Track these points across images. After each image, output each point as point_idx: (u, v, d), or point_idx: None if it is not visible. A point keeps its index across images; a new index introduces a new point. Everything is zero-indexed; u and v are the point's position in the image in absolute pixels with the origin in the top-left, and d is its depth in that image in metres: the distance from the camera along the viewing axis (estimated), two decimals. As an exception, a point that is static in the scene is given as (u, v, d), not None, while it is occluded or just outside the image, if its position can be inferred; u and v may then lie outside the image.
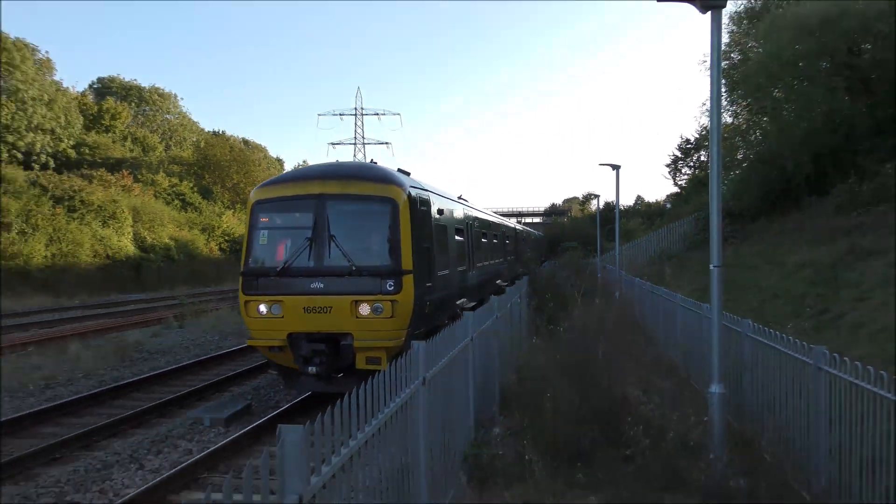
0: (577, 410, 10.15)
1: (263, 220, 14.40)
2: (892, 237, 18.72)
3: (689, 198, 51.21)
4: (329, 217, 13.73)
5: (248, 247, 14.36)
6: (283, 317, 13.64)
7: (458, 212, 20.43)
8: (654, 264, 39.23)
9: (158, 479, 10.35)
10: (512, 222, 43.54)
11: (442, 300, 16.14)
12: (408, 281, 13.45)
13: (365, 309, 13.30)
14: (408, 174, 16.51)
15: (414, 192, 14.68)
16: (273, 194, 14.52)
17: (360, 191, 14.07)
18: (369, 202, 13.97)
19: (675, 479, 9.06)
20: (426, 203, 15.61)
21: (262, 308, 13.76)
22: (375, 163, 16.96)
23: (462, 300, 18.73)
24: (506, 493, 8.75)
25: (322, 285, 13.50)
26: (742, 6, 36.35)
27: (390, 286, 13.35)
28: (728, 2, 9.91)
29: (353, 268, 13.36)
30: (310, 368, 13.41)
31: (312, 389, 14.47)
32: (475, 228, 23.45)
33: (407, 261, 13.55)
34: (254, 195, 14.77)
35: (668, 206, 60.97)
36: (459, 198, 23.54)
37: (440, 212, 16.88)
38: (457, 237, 19.51)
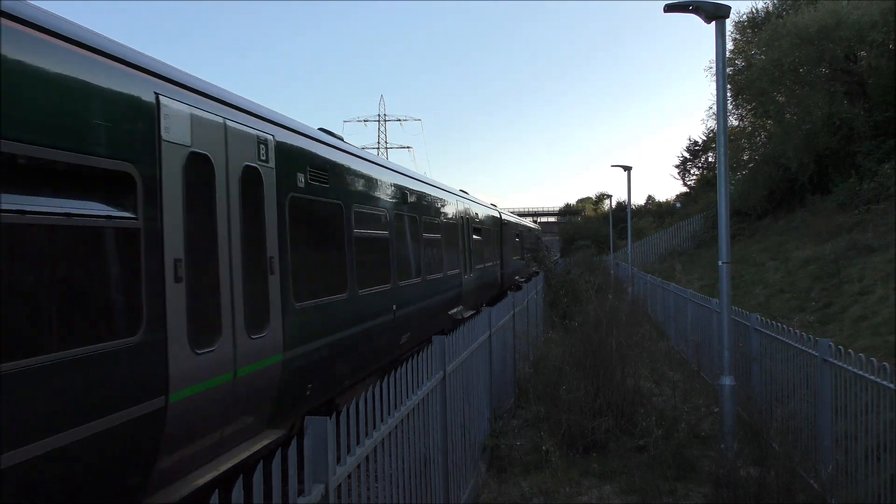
0: (591, 402, 10.07)
1: None
2: (891, 234, 18.52)
3: (697, 197, 50.91)
4: None
5: None
6: None
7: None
8: (664, 261, 39.04)
9: None
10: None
11: None
12: None
13: None
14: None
15: None
16: None
17: None
18: None
19: (686, 469, 8.99)
20: None
21: None
22: None
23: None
24: (523, 482, 8.70)
25: None
26: (745, 16, 36.24)
27: None
28: (731, 13, 9.86)
29: None
30: None
31: None
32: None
33: None
34: None
35: (678, 205, 60.55)
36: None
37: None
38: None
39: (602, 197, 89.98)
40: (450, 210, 17.59)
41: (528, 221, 46.42)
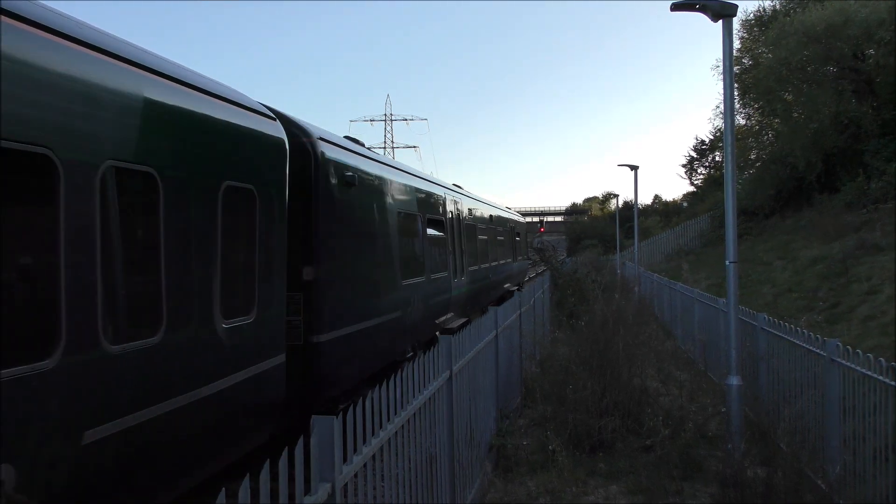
0: (598, 401, 10.05)
1: None
2: (899, 233, 18.48)
3: (704, 196, 50.79)
4: None
5: None
6: None
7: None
8: (671, 260, 38.98)
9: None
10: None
11: None
12: None
13: None
14: None
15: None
16: None
17: None
18: None
19: (693, 469, 8.96)
20: None
21: None
22: None
23: None
24: (529, 482, 8.69)
25: None
26: (752, 14, 36.14)
27: None
28: (738, 11, 9.81)
29: None
30: None
31: None
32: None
33: None
34: None
35: (685, 204, 60.48)
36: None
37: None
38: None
39: (609, 196, 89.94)
40: None
41: (490, 201, 27.92)
